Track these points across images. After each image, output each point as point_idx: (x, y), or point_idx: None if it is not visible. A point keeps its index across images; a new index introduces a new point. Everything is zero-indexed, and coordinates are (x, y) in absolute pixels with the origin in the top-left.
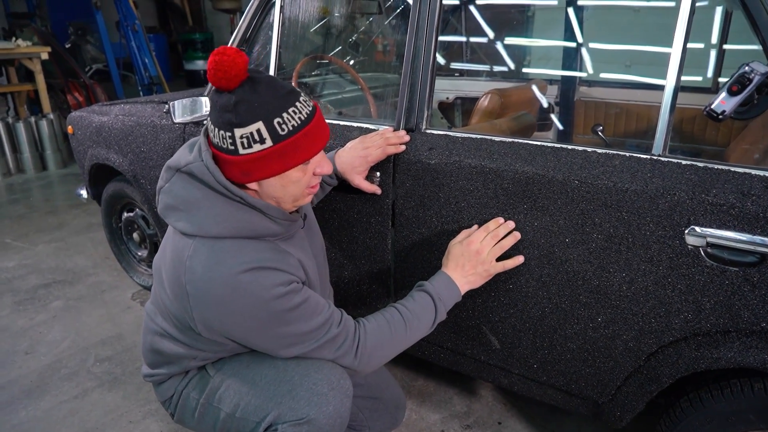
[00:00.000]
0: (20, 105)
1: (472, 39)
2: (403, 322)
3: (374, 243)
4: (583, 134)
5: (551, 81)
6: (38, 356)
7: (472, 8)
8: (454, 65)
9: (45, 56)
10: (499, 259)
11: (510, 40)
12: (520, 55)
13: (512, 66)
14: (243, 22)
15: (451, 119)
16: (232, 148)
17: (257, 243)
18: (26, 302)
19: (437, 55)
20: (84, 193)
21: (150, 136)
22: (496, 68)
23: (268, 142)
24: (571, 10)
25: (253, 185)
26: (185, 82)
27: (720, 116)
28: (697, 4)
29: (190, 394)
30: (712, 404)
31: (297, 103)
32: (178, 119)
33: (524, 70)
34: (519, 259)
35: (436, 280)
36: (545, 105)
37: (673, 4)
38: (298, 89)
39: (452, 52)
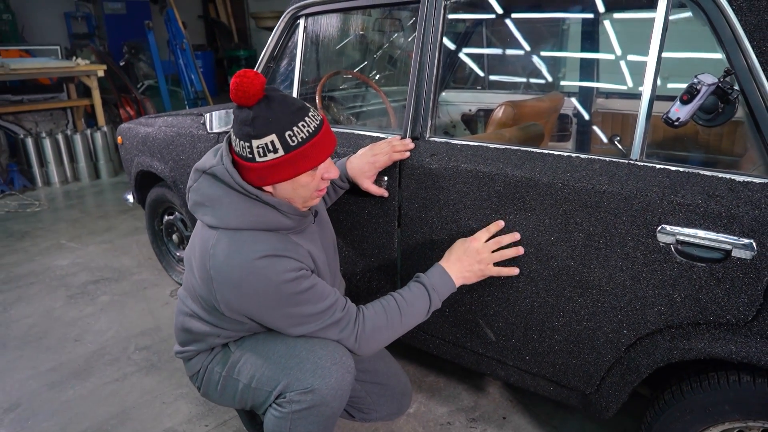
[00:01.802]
0: (78, 119)
1: (495, 52)
2: (398, 310)
3: (382, 241)
4: (600, 144)
5: (569, 93)
6: (85, 343)
7: (498, 22)
8: (486, 78)
9: (101, 74)
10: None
11: (533, 54)
12: (548, 68)
13: (549, 78)
14: (271, 41)
15: (473, 130)
16: (250, 156)
17: (271, 235)
18: (77, 296)
19: (478, 68)
20: (130, 197)
21: (188, 145)
22: (518, 81)
23: (281, 152)
24: (607, 23)
25: (268, 187)
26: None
27: (675, 123)
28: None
29: (215, 369)
30: (692, 396)
31: (306, 118)
32: (213, 129)
33: (550, 82)
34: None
35: (431, 271)
36: (568, 115)
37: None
38: (308, 105)
39: (478, 65)
